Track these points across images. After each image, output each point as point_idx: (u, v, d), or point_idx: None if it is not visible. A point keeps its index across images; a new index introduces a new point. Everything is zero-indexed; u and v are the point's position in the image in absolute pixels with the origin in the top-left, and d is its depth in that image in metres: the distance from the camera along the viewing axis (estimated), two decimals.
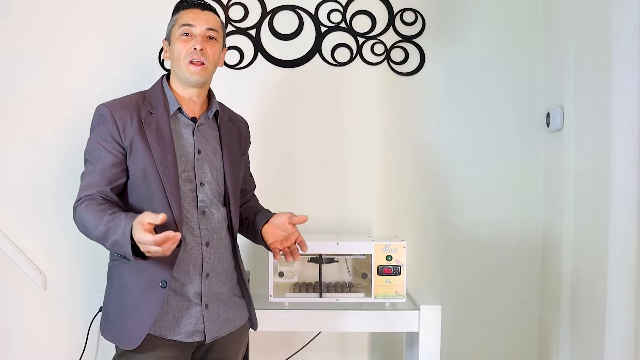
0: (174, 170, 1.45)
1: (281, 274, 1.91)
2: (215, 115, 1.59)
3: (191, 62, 1.49)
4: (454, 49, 2.28)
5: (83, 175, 1.47)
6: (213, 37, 1.53)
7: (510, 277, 2.29)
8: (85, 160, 1.49)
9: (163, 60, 2.24)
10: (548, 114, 2.19)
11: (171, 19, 1.57)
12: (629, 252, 1.73)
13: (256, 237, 1.62)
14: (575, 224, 2.04)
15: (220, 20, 1.58)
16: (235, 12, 2.25)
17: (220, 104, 1.63)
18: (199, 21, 1.51)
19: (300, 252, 1.57)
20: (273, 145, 2.26)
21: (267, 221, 1.58)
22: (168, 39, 1.56)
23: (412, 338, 1.94)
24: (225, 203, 1.57)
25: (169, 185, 1.43)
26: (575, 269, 2.04)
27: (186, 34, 1.50)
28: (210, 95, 1.60)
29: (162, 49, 2.21)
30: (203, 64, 1.49)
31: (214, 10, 1.57)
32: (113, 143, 1.44)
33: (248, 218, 1.67)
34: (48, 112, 2.20)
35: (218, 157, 1.56)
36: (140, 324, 1.41)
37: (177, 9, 1.57)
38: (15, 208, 2.20)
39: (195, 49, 1.49)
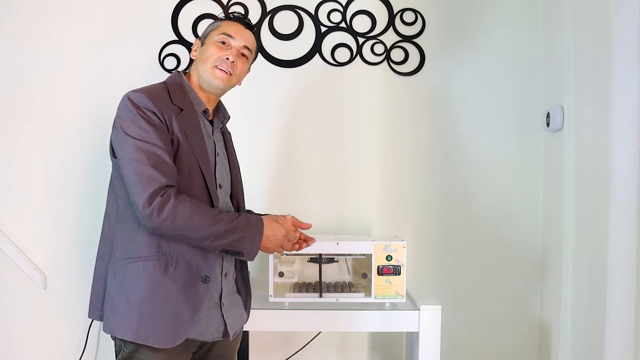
0: (212, 168, 1.48)
1: (281, 274, 1.91)
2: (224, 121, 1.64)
3: (218, 67, 1.50)
4: (454, 48, 2.28)
5: (145, 160, 1.34)
6: (245, 55, 1.56)
7: (511, 277, 2.29)
8: (135, 145, 1.35)
9: (163, 60, 2.24)
10: (548, 114, 2.19)
11: (213, 23, 1.59)
12: (629, 252, 1.73)
13: None
14: (575, 224, 2.04)
15: (256, 44, 1.61)
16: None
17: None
18: (239, 36, 1.53)
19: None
20: (273, 145, 2.26)
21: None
22: (203, 39, 1.56)
23: (412, 338, 1.94)
24: (234, 205, 1.60)
25: (211, 185, 1.46)
26: (575, 268, 2.04)
27: (223, 43, 1.52)
28: (219, 103, 1.63)
29: (162, 48, 2.24)
30: (230, 74, 1.51)
31: (255, 32, 1.60)
32: (165, 131, 1.39)
33: None
34: (49, 112, 2.20)
35: (226, 162, 1.60)
36: (182, 321, 1.39)
37: (222, 18, 1.60)
38: (16, 208, 2.20)
39: (227, 58, 1.50)
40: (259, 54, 2.26)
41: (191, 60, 1.60)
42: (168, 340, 1.39)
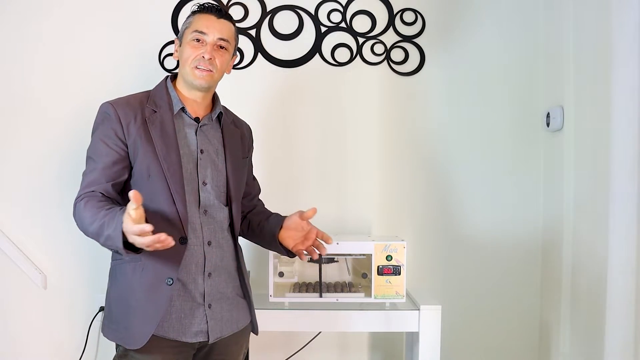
0: (179, 168, 1.45)
1: (281, 274, 1.91)
2: (219, 117, 1.60)
3: (197, 67, 1.49)
4: (454, 48, 2.28)
5: (84, 174, 1.47)
6: (223, 47, 1.53)
7: (511, 277, 2.29)
8: (87, 159, 1.49)
9: (163, 60, 2.24)
10: (548, 114, 2.19)
11: (186, 20, 1.56)
12: (629, 252, 1.73)
13: (272, 244, 1.60)
14: (575, 224, 2.04)
15: (235, 29, 1.58)
16: (235, 12, 2.25)
17: (224, 107, 1.64)
18: (212, 29, 1.50)
19: (326, 245, 1.58)
20: (273, 145, 2.26)
21: (281, 227, 1.58)
22: (180, 39, 1.55)
23: (412, 338, 1.94)
24: (227, 203, 1.57)
25: (174, 183, 1.44)
26: (575, 268, 2.04)
27: (197, 40, 1.50)
28: (214, 98, 1.61)
29: (162, 48, 2.23)
30: (210, 71, 1.50)
31: (229, 18, 1.56)
32: (116, 140, 1.44)
33: (260, 224, 1.65)
34: (48, 112, 2.20)
35: (221, 158, 1.56)
36: (146, 323, 1.41)
37: (193, 12, 1.55)
38: (16, 208, 2.19)
39: (203, 57, 1.49)
40: (259, 53, 2.26)
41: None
42: (136, 341, 1.41)
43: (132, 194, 1.21)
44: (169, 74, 1.58)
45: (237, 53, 1.62)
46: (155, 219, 1.38)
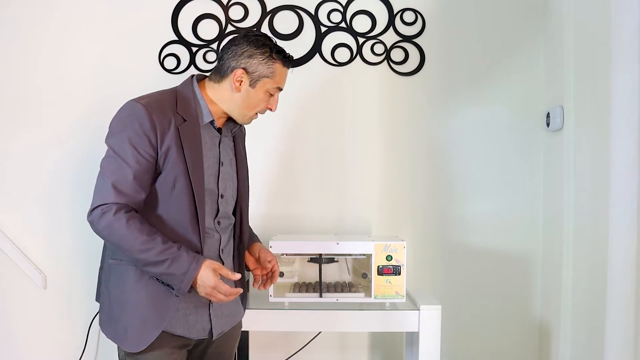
0: (203, 182, 1.45)
1: (281, 274, 1.90)
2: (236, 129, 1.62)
3: (256, 114, 1.54)
4: (454, 49, 2.28)
5: (108, 172, 1.38)
6: None
7: (511, 277, 2.29)
8: (113, 157, 1.39)
9: (163, 60, 2.23)
10: (548, 114, 2.19)
11: (267, 64, 1.49)
12: (629, 252, 1.73)
13: None
14: (576, 224, 2.04)
15: None
16: (235, 12, 2.25)
17: None
18: (284, 84, 1.55)
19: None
20: (273, 145, 2.27)
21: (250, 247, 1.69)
22: (254, 80, 1.49)
23: (412, 338, 1.94)
24: (235, 213, 1.60)
25: (199, 199, 1.44)
26: (575, 269, 2.04)
27: (272, 94, 1.53)
28: None
29: (162, 48, 2.23)
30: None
31: None
32: (148, 147, 1.38)
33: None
34: (49, 112, 2.21)
35: (234, 169, 1.59)
36: (147, 329, 1.41)
37: (273, 58, 1.50)
38: (16, 208, 2.20)
39: (270, 109, 1.55)
40: None
41: (218, 69, 1.51)
42: (130, 345, 1.42)
43: (237, 276, 1.41)
44: (195, 75, 1.54)
45: None
46: (174, 232, 1.42)
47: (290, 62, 1.54)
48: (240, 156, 1.62)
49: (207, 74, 1.56)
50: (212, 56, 2.25)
